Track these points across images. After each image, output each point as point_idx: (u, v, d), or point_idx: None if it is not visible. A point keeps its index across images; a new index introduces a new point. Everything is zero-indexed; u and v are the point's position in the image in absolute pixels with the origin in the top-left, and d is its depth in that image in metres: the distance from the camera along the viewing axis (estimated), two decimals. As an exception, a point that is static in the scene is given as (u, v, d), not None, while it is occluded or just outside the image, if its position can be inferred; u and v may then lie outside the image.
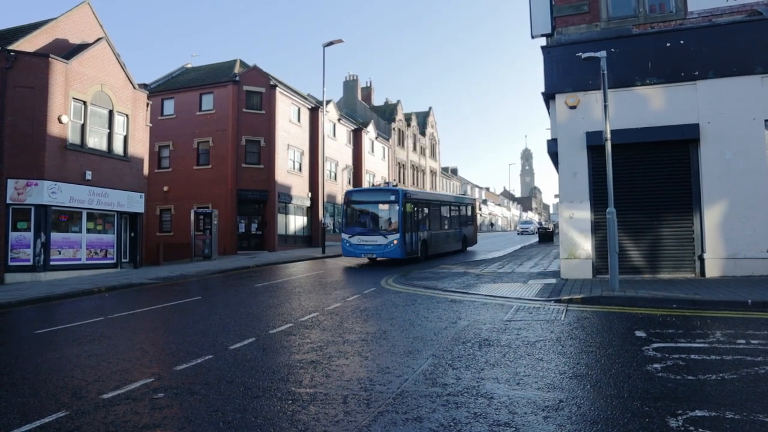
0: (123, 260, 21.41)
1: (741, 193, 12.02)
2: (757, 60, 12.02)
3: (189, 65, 36.92)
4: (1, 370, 6.45)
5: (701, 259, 12.26)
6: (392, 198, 20.11)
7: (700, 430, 3.93)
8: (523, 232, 58.68)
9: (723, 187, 12.16)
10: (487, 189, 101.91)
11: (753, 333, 6.99)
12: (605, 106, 11.10)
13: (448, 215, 26.11)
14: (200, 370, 6.15)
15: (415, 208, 21.34)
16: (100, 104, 20.42)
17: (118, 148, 21.20)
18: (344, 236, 20.57)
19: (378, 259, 21.45)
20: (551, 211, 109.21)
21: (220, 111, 30.02)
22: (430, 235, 22.90)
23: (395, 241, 19.48)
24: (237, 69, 31.94)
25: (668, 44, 12.59)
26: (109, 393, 5.35)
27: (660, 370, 5.46)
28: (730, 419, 4.12)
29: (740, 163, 12.07)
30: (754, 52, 12.05)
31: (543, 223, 67.98)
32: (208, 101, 30.65)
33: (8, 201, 17.55)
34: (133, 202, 21.77)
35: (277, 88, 30.66)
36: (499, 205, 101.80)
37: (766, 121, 12.02)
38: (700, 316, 8.34)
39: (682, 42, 12.52)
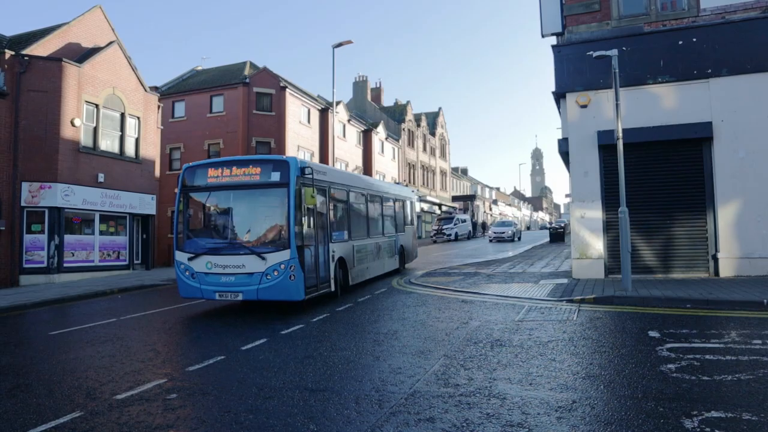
0: (135, 262, 21.59)
1: (755, 191, 11.88)
2: (771, 57, 11.87)
3: (199, 67, 37.13)
4: (17, 371, 6.52)
5: (715, 259, 12.12)
6: (276, 176, 10.36)
7: (716, 431, 3.88)
8: (498, 239, 39.23)
9: (737, 186, 12.02)
10: (498, 189, 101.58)
11: (769, 333, 6.90)
12: (617, 105, 11.01)
13: (380, 214, 16.13)
14: (212, 370, 6.18)
15: (325, 199, 11.73)
16: (112, 107, 20.61)
17: (129, 150, 21.38)
18: (180, 257, 10.60)
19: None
20: (562, 210, 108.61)
21: (231, 113, 30.16)
22: (352, 249, 13.08)
23: (283, 266, 9.81)
24: (247, 71, 32.08)
25: (680, 42, 12.47)
26: (123, 394, 5.39)
27: (674, 370, 5.41)
28: (746, 420, 4.07)
29: (754, 162, 11.92)
30: (768, 49, 11.90)
31: (553, 222, 65.28)
32: (218, 103, 30.81)
33: (22, 204, 17.76)
34: (145, 204, 21.94)
35: (287, 89, 30.75)
36: (509, 205, 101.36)
37: (780, 118, 11.87)
38: (715, 316, 8.25)
39: (694, 40, 12.39)
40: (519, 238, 42.03)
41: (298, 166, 10.43)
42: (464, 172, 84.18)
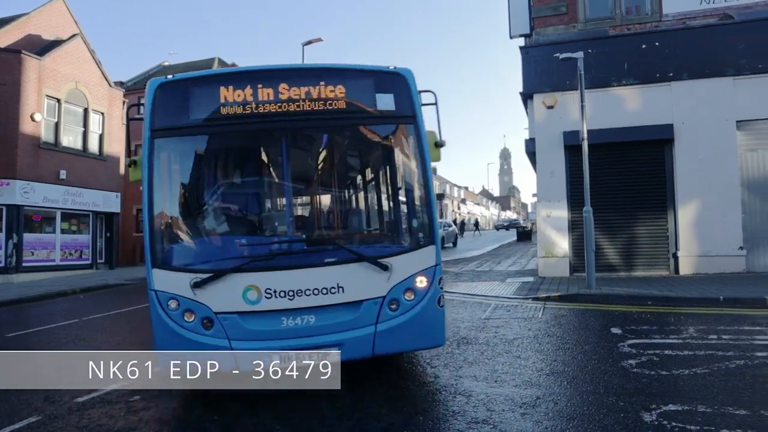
0: (99, 261, 21.07)
1: (714, 192, 12.26)
2: (728, 62, 12.27)
3: (166, 63, 36.38)
4: (-29, 374, 6.29)
5: (675, 257, 12.48)
6: (386, 101, 5.24)
7: (673, 423, 4.01)
8: None
9: (696, 187, 12.38)
10: (466, 188, 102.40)
11: (724, 328, 7.14)
12: (582, 107, 11.22)
13: None
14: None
15: None
16: (75, 102, 20.06)
17: (93, 146, 20.85)
18: (163, 284, 4.79)
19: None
20: (529, 210, 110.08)
21: (199, 109, 29.67)
22: None
23: (425, 281, 4.98)
24: (215, 67, 31.59)
25: (644, 46, 12.78)
26: (84, 396, 5.25)
27: (635, 365, 5.55)
28: (701, 413, 4.21)
29: (713, 163, 12.31)
30: (725, 55, 12.30)
31: (522, 221, 63.70)
32: (185, 100, 30.26)
33: (-21, 201, 17.15)
34: (109, 201, 21.42)
35: (257, 86, 30.38)
36: (477, 204, 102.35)
37: (737, 122, 12.28)
38: (674, 312, 8.49)
39: (657, 44, 12.72)
40: (454, 244, 30.41)
41: (416, 87, 5.47)
42: (433, 171, 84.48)
